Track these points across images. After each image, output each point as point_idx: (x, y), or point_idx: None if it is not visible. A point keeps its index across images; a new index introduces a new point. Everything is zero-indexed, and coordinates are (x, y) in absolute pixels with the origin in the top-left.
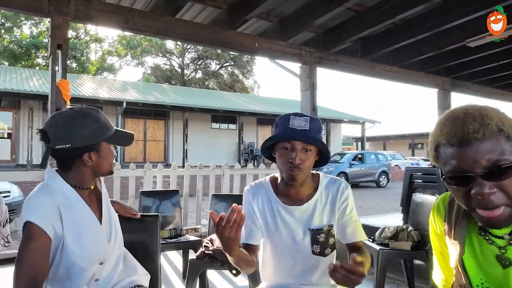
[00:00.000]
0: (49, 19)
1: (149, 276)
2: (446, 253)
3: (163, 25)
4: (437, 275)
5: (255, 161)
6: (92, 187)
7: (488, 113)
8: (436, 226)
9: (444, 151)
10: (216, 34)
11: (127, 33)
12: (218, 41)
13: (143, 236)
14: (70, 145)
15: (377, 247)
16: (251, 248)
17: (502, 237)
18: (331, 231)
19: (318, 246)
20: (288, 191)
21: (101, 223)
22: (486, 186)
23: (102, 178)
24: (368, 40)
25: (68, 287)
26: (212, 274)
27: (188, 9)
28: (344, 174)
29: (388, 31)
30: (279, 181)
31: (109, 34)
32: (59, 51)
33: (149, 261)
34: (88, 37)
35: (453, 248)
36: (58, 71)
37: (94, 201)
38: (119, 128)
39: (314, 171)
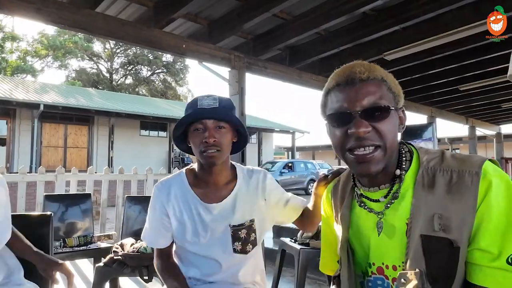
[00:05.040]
0: None
1: None
2: (334, 241)
3: (81, 18)
4: (325, 265)
5: None
6: None
7: (375, 66)
8: (325, 214)
9: (331, 96)
10: (141, 31)
11: (50, 32)
12: (143, 39)
13: (33, 240)
14: None
15: (298, 247)
16: (162, 252)
17: (378, 200)
18: (253, 226)
19: (240, 243)
20: (206, 180)
21: None
22: (363, 124)
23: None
24: (296, 48)
25: None
26: (125, 282)
27: (110, 4)
28: None
29: (314, 41)
30: (197, 171)
31: (28, 32)
32: None
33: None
34: (2, 33)
35: (340, 233)
36: None
37: None
38: None
39: (231, 162)
